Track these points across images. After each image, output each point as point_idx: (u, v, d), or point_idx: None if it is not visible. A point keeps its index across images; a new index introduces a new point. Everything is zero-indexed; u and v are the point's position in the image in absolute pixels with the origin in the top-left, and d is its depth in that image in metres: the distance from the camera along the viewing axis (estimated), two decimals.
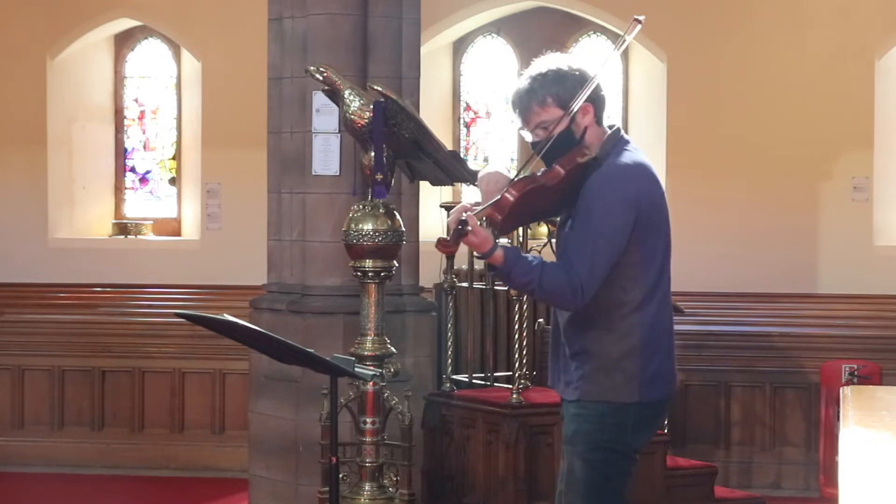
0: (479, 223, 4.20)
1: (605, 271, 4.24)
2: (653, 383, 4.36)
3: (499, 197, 4.24)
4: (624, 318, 4.32)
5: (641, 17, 4.32)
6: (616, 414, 4.35)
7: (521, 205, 4.24)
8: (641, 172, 4.34)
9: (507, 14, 11.92)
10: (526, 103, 4.35)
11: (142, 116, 12.45)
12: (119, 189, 12.38)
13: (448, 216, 4.35)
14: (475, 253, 4.35)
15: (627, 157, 4.35)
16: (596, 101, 4.37)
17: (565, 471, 4.48)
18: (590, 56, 11.57)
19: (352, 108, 5.77)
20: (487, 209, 4.25)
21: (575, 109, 4.30)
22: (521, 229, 6.57)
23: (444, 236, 4.25)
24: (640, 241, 4.29)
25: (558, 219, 4.55)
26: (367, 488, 5.87)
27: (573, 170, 4.29)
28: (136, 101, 12.42)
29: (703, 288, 10.18)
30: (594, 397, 4.36)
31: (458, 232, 4.19)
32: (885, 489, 2.99)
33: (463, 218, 4.18)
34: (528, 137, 4.44)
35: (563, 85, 4.32)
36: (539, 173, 4.31)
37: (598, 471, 4.38)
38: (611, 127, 4.44)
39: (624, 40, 4.40)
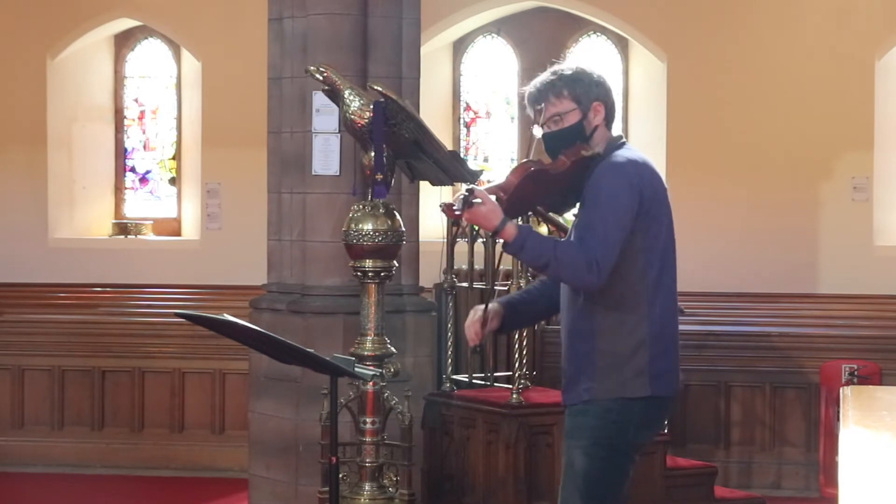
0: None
1: (616, 248, 4.32)
2: (661, 378, 4.43)
3: (503, 180, 4.40)
4: (634, 309, 4.40)
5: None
6: (622, 410, 4.40)
7: (524, 187, 4.36)
8: (643, 165, 4.48)
9: (507, 14, 11.91)
10: (544, 94, 4.52)
11: (142, 116, 12.45)
12: (119, 189, 12.37)
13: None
14: (482, 231, 4.46)
15: (630, 153, 4.51)
16: (608, 104, 4.57)
17: (565, 464, 4.50)
18: (589, 57, 11.59)
19: (352, 108, 5.76)
20: (493, 188, 4.40)
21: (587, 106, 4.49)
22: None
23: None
24: (644, 229, 4.39)
25: (560, 217, 4.63)
26: (367, 488, 5.87)
27: (577, 162, 4.44)
28: (136, 101, 12.42)
29: (703, 288, 10.17)
30: (607, 395, 4.41)
31: (466, 199, 4.27)
32: (885, 489, 2.99)
33: (469, 188, 4.33)
34: (539, 133, 4.54)
35: (581, 83, 4.52)
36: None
37: (598, 466, 4.42)
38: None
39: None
